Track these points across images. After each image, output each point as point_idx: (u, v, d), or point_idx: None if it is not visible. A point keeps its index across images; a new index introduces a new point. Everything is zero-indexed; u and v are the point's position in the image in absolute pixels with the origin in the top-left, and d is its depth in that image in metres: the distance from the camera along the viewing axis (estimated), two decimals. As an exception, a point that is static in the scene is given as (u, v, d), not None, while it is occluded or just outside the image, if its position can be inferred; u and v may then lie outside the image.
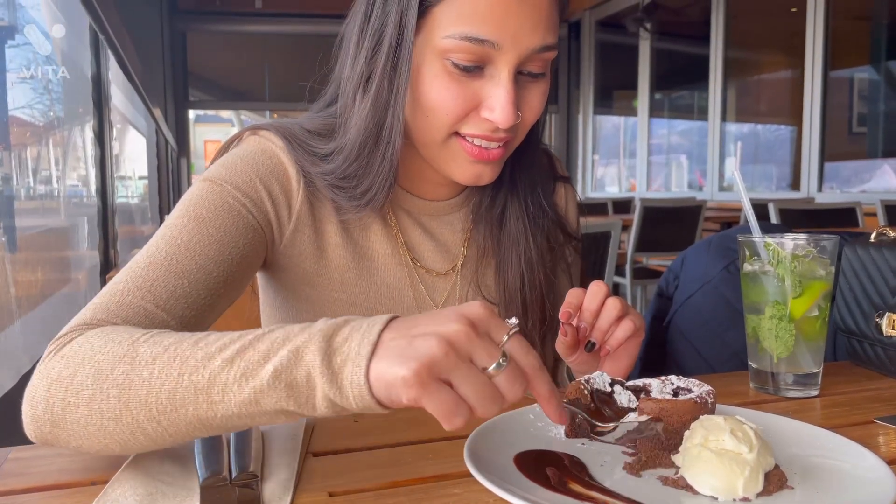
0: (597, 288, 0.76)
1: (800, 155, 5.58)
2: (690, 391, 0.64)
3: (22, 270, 2.35)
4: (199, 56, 8.90)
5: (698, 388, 0.63)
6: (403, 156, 0.82)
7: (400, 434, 0.69)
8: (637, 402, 0.63)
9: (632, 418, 0.63)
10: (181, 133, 8.57)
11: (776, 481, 0.55)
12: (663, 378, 0.67)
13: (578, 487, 0.54)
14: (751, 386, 0.84)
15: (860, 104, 5.93)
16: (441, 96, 0.76)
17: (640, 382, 0.67)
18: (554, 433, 0.66)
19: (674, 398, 0.63)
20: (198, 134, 12.98)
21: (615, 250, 2.94)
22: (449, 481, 0.58)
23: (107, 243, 3.26)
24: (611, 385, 0.66)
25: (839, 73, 5.71)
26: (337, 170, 0.81)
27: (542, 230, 0.93)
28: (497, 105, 0.75)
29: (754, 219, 0.86)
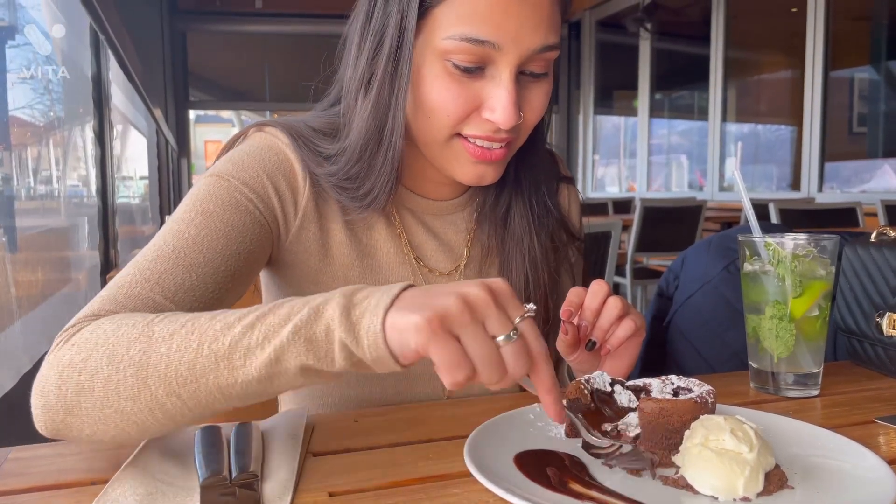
0: (598, 287, 0.75)
1: (800, 155, 5.58)
2: (691, 391, 0.64)
3: (22, 270, 2.35)
4: (200, 56, 8.90)
5: (698, 388, 0.63)
6: (407, 156, 0.82)
7: (400, 434, 0.69)
8: (637, 402, 0.63)
9: (632, 418, 0.63)
10: (181, 133, 8.58)
11: (776, 481, 0.55)
12: (663, 378, 0.67)
13: (579, 487, 0.55)
14: (751, 386, 0.84)
15: (860, 104, 5.93)
16: (442, 97, 0.76)
17: (641, 382, 0.67)
18: (554, 433, 0.66)
19: (674, 398, 0.63)
20: (198, 134, 12.98)
21: (615, 250, 2.94)
22: (449, 481, 0.58)
23: (107, 243, 3.26)
24: (611, 385, 0.66)
25: (839, 73, 5.71)
26: (340, 171, 0.81)
27: (547, 230, 0.93)
28: (498, 106, 0.75)
29: (755, 219, 0.86)
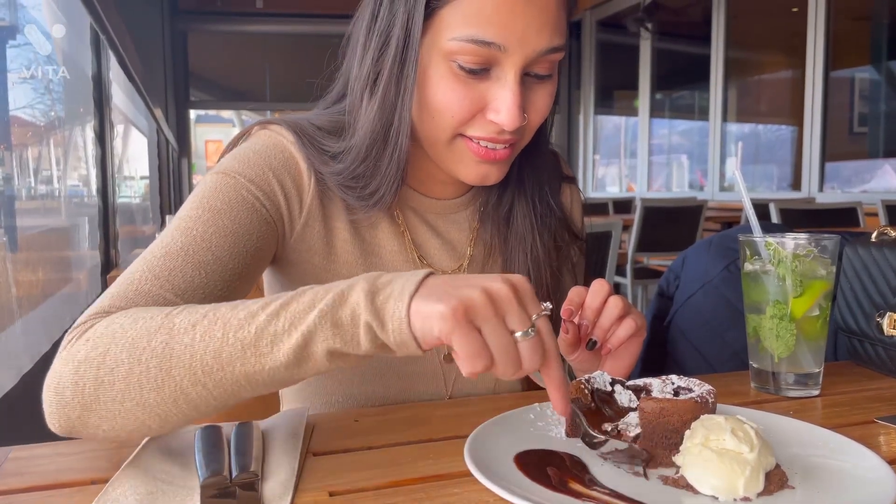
0: (599, 286, 0.75)
1: (801, 155, 5.58)
2: (691, 391, 0.64)
3: (23, 270, 2.35)
4: (200, 56, 8.91)
5: (699, 388, 0.63)
6: (411, 155, 0.82)
7: (400, 434, 0.69)
8: (637, 402, 0.63)
9: (632, 418, 0.63)
10: (182, 133, 8.58)
11: (777, 481, 0.55)
12: (664, 378, 0.67)
13: (579, 487, 0.55)
14: (751, 385, 0.84)
15: (861, 104, 5.93)
16: (447, 98, 0.76)
17: (641, 382, 0.67)
18: (554, 433, 0.66)
19: (674, 398, 0.63)
20: (199, 134, 12.98)
21: (616, 250, 2.94)
22: (449, 481, 0.58)
23: (108, 243, 3.26)
24: (611, 385, 0.66)
25: (840, 73, 5.70)
26: (346, 170, 0.81)
27: (549, 229, 0.93)
28: (503, 107, 0.75)
29: (755, 218, 0.86)
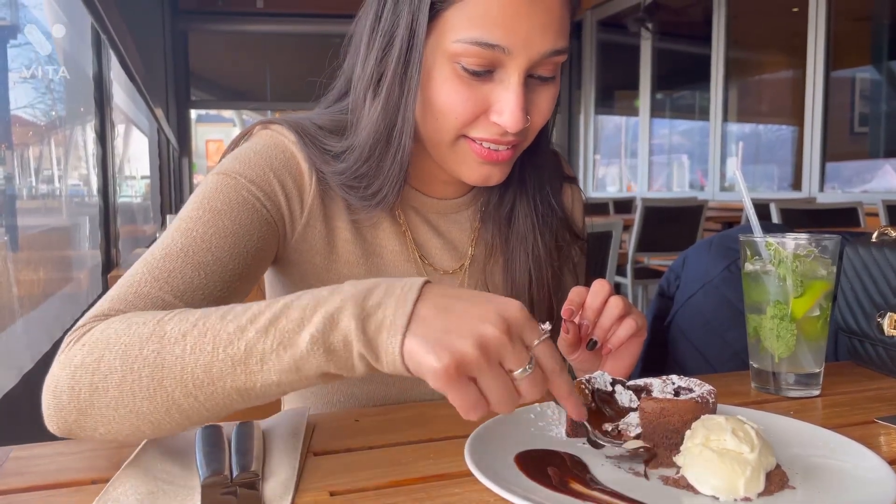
0: (599, 286, 0.76)
1: (801, 155, 5.57)
2: (692, 391, 0.64)
3: (24, 269, 2.35)
4: (201, 56, 8.91)
5: (699, 388, 0.63)
6: (413, 155, 0.82)
7: (400, 433, 0.69)
8: (638, 402, 0.63)
9: (633, 418, 0.63)
10: (183, 133, 8.59)
11: (777, 481, 0.55)
12: (664, 378, 0.67)
13: (579, 487, 0.55)
14: (752, 386, 0.84)
15: (862, 104, 5.92)
16: (451, 99, 0.76)
17: (642, 382, 0.67)
18: (555, 433, 0.66)
19: (675, 398, 0.63)
20: (199, 133, 12.97)
21: (616, 250, 2.93)
22: (450, 481, 0.58)
23: (108, 243, 3.26)
24: (612, 385, 0.66)
25: (841, 73, 5.70)
26: (348, 170, 0.81)
27: (551, 229, 0.93)
28: (506, 109, 0.75)
29: (756, 218, 0.86)
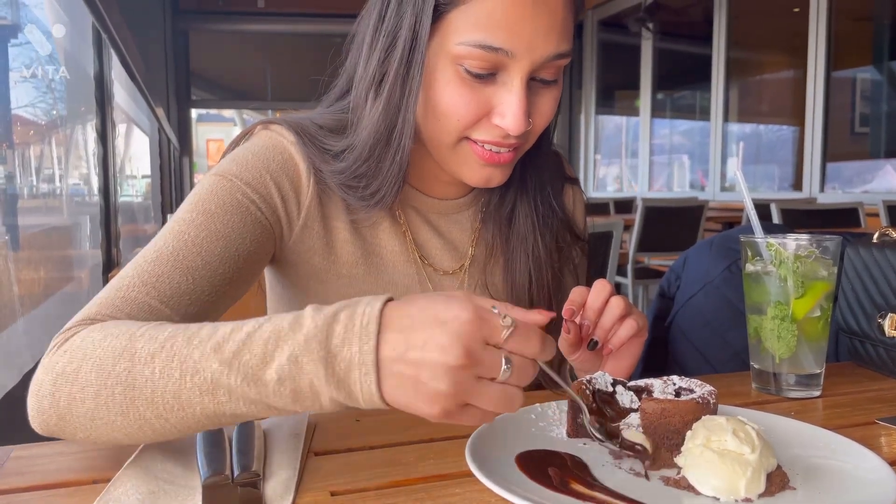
0: (600, 286, 0.75)
1: (802, 155, 5.57)
2: (692, 391, 0.64)
3: (25, 269, 2.35)
4: (202, 55, 8.91)
5: (700, 389, 0.63)
6: (414, 155, 0.82)
7: (401, 434, 0.69)
8: (639, 403, 0.63)
9: (633, 419, 0.63)
10: (183, 132, 8.59)
11: (778, 482, 0.55)
12: (665, 378, 0.67)
13: (580, 487, 0.55)
14: (753, 386, 0.84)
15: (862, 104, 5.92)
16: (453, 102, 0.76)
17: (642, 383, 0.67)
18: (556, 433, 0.66)
19: (676, 398, 0.63)
20: (200, 133, 12.97)
21: (617, 250, 2.93)
22: (450, 481, 0.58)
23: (109, 242, 3.26)
24: (613, 385, 0.66)
25: (842, 74, 5.69)
26: (347, 169, 0.81)
27: (551, 229, 0.93)
28: (508, 112, 0.75)
29: (756, 219, 0.86)
